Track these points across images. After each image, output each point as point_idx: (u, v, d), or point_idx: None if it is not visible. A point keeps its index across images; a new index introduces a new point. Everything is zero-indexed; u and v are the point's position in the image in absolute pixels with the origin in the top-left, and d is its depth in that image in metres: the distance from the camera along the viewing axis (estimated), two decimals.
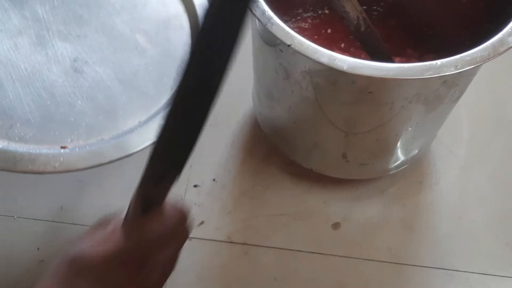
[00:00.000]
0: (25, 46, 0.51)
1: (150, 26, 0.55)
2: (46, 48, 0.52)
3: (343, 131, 0.50)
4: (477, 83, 0.50)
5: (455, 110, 0.53)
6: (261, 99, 0.57)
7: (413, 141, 0.53)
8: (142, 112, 0.50)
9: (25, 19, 0.53)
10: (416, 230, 0.58)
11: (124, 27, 0.55)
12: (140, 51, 0.54)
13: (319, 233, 0.58)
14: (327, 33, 0.62)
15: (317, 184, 0.61)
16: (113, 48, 0.53)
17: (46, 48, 0.52)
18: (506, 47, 0.40)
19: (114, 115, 0.50)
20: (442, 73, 0.38)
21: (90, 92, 0.50)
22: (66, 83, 0.50)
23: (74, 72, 0.51)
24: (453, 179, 0.62)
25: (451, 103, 0.49)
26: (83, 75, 0.51)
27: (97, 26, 0.54)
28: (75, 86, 0.50)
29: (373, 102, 0.44)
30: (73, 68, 0.51)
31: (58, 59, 0.52)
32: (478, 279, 0.55)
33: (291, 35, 0.40)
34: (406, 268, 0.56)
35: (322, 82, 0.44)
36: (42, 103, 0.49)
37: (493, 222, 0.58)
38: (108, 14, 0.55)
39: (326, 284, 0.55)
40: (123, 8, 0.56)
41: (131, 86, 0.52)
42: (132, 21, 0.55)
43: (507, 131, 0.65)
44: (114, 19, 0.55)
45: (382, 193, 0.61)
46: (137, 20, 0.55)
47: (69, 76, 0.51)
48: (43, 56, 0.51)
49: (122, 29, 0.55)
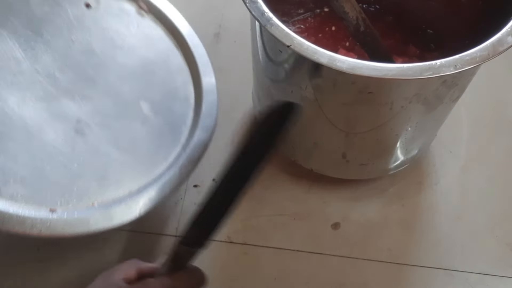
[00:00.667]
0: (32, 100, 0.51)
1: (156, 95, 0.56)
2: (51, 105, 0.52)
3: (343, 131, 0.50)
4: (476, 83, 0.50)
5: (454, 110, 0.53)
6: (261, 99, 0.57)
7: (413, 141, 0.53)
8: (134, 182, 0.51)
9: (36, 73, 0.53)
10: (416, 230, 0.58)
11: (130, 93, 0.55)
12: (143, 119, 0.54)
13: (319, 233, 0.58)
14: (331, 31, 0.62)
15: (317, 184, 0.61)
16: (117, 113, 0.54)
17: (52, 105, 0.52)
18: (505, 46, 0.39)
19: (106, 182, 0.50)
20: (441, 73, 0.38)
21: (87, 155, 0.50)
22: (65, 144, 0.50)
23: (75, 133, 0.51)
24: (453, 179, 0.62)
25: (451, 103, 0.49)
26: (83, 137, 0.51)
27: (104, 89, 0.54)
28: (73, 148, 0.50)
29: (373, 102, 0.44)
30: (75, 129, 0.51)
31: (62, 118, 0.52)
32: (478, 279, 0.55)
33: (291, 36, 0.40)
34: (405, 268, 0.56)
35: (322, 83, 0.44)
36: (38, 162, 0.49)
37: (493, 222, 0.58)
38: (117, 79, 0.55)
39: (326, 284, 0.55)
40: (132, 74, 0.56)
41: (128, 153, 0.52)
42: (139, 88, 0.56)
43: (507, 131, 0.65)
44: (122, 84, 0.55)
45: (382, 193, 0.61)
46: (144, 88, 0.56)
47: (69, 137, 0.51)
48: (47, 113, 0.51)
49: (128, 95, 0.55)
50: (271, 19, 0.41)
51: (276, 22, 0.41)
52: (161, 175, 0.52)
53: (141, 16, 0.59)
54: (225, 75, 0.68)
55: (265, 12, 0.42)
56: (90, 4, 0.57)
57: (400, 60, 0.58)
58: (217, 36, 0.75)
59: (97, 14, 0.57)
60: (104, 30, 0.57)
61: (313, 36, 0.62)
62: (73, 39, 0.55)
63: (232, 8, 0.78)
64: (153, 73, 0.57)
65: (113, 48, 0.57)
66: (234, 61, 0.71)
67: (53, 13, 0.56)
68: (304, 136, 0.54)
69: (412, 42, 0.60)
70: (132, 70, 0.56)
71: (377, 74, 0.38)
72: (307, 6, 0.64)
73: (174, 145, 0.54)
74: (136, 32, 0.58)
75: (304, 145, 0.56)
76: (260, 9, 0.42)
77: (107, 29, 0.57)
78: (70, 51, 0.55)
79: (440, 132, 0.59)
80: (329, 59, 0.39)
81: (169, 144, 0.54)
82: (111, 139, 0.52)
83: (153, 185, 0.51)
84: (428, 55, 0.60)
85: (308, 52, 0.40)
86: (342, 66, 0.39)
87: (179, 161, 0.53)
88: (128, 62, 0.56)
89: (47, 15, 0.55)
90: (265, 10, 0.42)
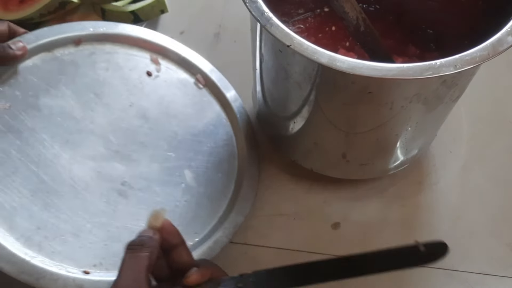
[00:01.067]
0: (82, 159, 0.53)
1: (201, 165, 0.57)
2: (100, 166, 0.53)
3: (343, 131, 0.50)
4: (476, 82, 0.50)
5: (454, 110, 0.53)
6: (261, 99, 0.57)
7: (413, 141, 0.53)
8: None
9: (91, 134, 0.55)
10: (415, 230, 0.58)
11: (177, 161, 0.56)
12: (184, 187, 0.55)
13: (319, 233, 0.58)
14: (331, 31, 0.62)
15: (317, 184, 0.61)
16: (160, 179, 0.55)
17: (100, 166, 0.53)
18: (505, 46, 0.40)
19: None
20: (441, 73, 0.38)
21: (126, 219, 0.51)
22: (107, 205, 0.51)
23: (118, 195, 0.52)
24: (453, 179, 0.62)
25: (451, 102, 0.49)
26: (125, 200, 0.53)
27: (152, 155, 0.56)
28: (115, 210, 0.52)
29: (373, 102, 0.44)
30: (118, 191, 0.53)
31: (108, 179, 0.53)
32: (478, 279, 0.55)
33: (291, 35, 0.40)
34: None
35: (322, 83, 0.44)
36: (79, 220, 0.50)
37: (492, 222, 0.58)
38: (166, 146, 0.57)
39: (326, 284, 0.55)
40: (181, 142, 0.58)
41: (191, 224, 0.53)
42: (185, 156, 0.57)
43: (507, 131, 0.65)
44: (170, 151, 0.57)
45: (382, 193, 0.61)
46: (191, 157, 0.57)
47: (112, 198, 0.52)
48: (95, 172, 0.53)
49: (174, 162, 0.56)
50: (271, 19, 0.41)
51: (276, 22, 0.41)
52: (193, 247, 0.52)
53: (198, 88, 0.61)
54: (225, 75, 0.68)
55: (265, 12, 0.42)
56: (151, 73, 0.60)
57: (400, 60, 0.58)
58: (217, 36, 0.75)
59: (156, 82, 0.60)
60: (161, 98, 0.59)
61: (313, 36, 0.62)
62: (131, 104, 0.57)
63: (232, 8, 0.78)
64: (201, 143, 0.58)
65: (167, 115, 0.58)
66: (234, 61, 0.71)
67: (116, 77, 0.58)
68: (304, 136, 0.54)
69: (412, 42, 0.61)
70: (182, 139, 0.58)
71: (377, 74, 0.38)
72: (307, 6, 0.64)
73: (211, 219, 0.55)
74: (191, 103, 0.60)
75: (304, 145, 0.56)
76: (260, 9, 0.42)
77: (164, 98, 0.59)
78: (126, 115, 0.57)
79: (440, 132, 0.59)
80: (329, 59, 0.39)
81: (205, 217, 0.55)
82: (151, 205, 0.53)
83: None
84: (428, 55, 0.60)
85: (308, 52, 0.40)
86: (342, 66, 0.39)
87: (212, 237, 0.53)
88: (178, 131, 0.58)
89: (110, 79, 0.58)
90: (265, 10, 0.42)
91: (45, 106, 0.54)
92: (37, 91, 0.54)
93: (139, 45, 0.61)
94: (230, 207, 0.56)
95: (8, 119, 0.52)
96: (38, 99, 0.54)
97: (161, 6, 0.70)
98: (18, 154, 0.51)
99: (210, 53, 0.73)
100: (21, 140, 0.51)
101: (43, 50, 0.57)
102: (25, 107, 0.53)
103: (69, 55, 0.58)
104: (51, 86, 0.55)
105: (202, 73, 0.62)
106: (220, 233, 0.54)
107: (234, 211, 0.55)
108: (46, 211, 0.49)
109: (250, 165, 0.59)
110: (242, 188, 0.57)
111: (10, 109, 0.52)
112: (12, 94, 0.53)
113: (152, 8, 0.69)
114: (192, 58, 0.63)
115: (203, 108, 0.61)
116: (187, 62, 0.62)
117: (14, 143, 0.51)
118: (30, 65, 0.55)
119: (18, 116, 0.53)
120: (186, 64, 0.62)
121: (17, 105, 0.53)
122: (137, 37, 0.61)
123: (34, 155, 0.51)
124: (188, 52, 0.63)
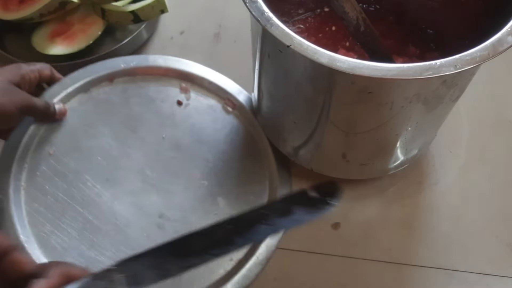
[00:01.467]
0: (122, 195, 0.56)
1: (233, 191, 0.57)
2: (139, 200, 0.56)
3: (343, 131, 0.50)
4: (476, 82, 0.50)
5: (454, 110, 0.53)
6: (261, 99, 0.57)
7: (413, 141, 0.53)
8: (205, 279, 0.52)
9: (129, 170, 0.57)
10: (415, 230, 0.58)
11: (209, 188, 0.57)
12: (217, 212, 0.56)
13: (319, 233, 0.58)
14: (331, 31, 0.62)
15: None
16: (194, 207, 0.56)
17: (139, 200, 0.56)
18: (505, 46, 0.39)
19: (179, 279, 0.52)
20: (441, 73, 0.38)
21: None
22: (147, 239, 0.53)
23: (157, 228, 0.54)
24: (453, 179, 0.62)
25: (451, 102, 0.49)
26: (164, 232, 0.54)
27: (186, 184, 0.57)
28: (155, 243, 0.52)
29: (373, 102, 0.44)
30: (157, 225, 0.55)
31: (146, 213, 0.55)
32: (478, 279, 0.55)
33: (291, 36, 0.40)
34: (405, 268, 0.56)
35: (322, 83, 0.44)
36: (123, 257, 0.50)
37: (492, 222, 0.58)
38: (199, 174, 0.58)
39: (326, 284, 0.55)
40: (213, 169, 0.58)
41: None
42: (218, 183, 0.58)
43: (506, 131, 0.65)
44: (203, 179, 0.58)
45: (381, 193, 0.61)
46: (223, 183, 0.58)
47: (152, 232, 0.54)
48: (135, 208, 0.55)
49: (207, 190, 0.57)
50: (271, 19, 0.41)
51: (276, 22, 0.41)
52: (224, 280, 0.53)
53: (227, 112, 0.62)
54: (225, 75, 0.68)
55: (265, 12, 0.42)
56: (181, 102, 0.62)
57: (400, 60, 0.58)
58: (217, 36, 0.75)
59: (186, 110, 0.62)
60: (192, 126, 0.61)
61: (313, 36, 0.62)
62: (164, 136, 0.59)
63: (232, 8, 0.78)
64: (233, 169, 0.59)
65: (198, 143, 0.60)
66: (234, 61, 0.71)
67: (149, 111, 0.61)
68: (304, 136, 0.54)
69: (412, 42, 0.61)
70: (213, 166, 0.59)
71: (377, 74, 0.38)
72: (307, 6, 0.64)
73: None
74: (220, 127, 0.61)
75: (304, 145, 0.56)
76: (260, 9, 0.42)
77: (195, 125, 0.61)
78: (160, 147, 0.59)
79: (440, 132, 0.59)
80: (329, 59, 0.39)
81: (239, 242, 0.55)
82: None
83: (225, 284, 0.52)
84: (428, 55, 0.60)
85: (308, 52, 0.40)
86: (342, 66, 0.39)
87: (245, 265, 0.53)
88: (210, 157, 0.59)
89: (143, 113, 0.60)
90: (265, 10, 0.42)
91: (85, 147, 0.57)
92: (77, 133, 0.58)
93: (168, 74, 0.63)
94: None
95: (54, 163, 0.56)
96: (79, 141, 0.58)
97: (161, 6, 0.70)
98: (65, 197, 0.55)
99: (210, 53, 0.73)
100: (66, 182, 0.55)
101: (80, 91, 0.61)
102: (68, 150, 0.57)
103: (104, 93, 0.61)
104: (90, 127, 0.59)
105: (231, 96, 0.63)
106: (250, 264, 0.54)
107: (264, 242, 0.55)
108: (93, 250, 0.52)
109: (282, 184, 0.59)
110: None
111: (55, 154, 0.56)
112: (55, 139, 0.58)
113: (152, 8, 0.69)
114: (220, 81, 0.64)
115: (232, 132, 0.61)
116: (215, 86, 0.63)
117: (61, 186, 0.55)
118: (69, 108, 0.59)
119: (62, 159, 0.56)
120: (214, 88, 0.63)
121: (60, 149, 0.57)
122: (166, 67, 0.63)
123: (79, 196, 0.55)
124: (216, 76, 0.64)
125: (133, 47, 0.74)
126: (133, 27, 0.73)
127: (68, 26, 0.73)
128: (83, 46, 0.71)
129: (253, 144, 0.61)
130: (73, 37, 0.72)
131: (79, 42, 0.71)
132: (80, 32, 0.72)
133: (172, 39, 0.75)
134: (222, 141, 0.60)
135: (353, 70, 0.39)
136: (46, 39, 0.71)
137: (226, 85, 0.63)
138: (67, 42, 0.71)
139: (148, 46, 0.75)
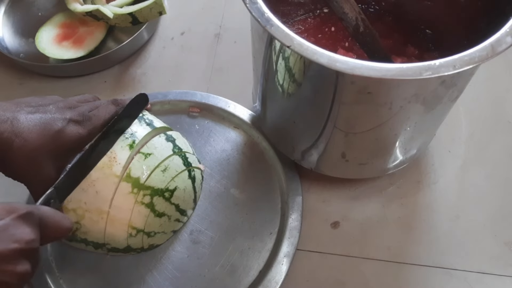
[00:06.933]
0: None
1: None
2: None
3: (342, 131, 0.50)
4: (475, 82, 0.51)
5: (453, 110, 0.53)
6: (261, 99, 0.57)
7: (412, 140, 0.54)
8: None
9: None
10: (415, 229, 0.58)
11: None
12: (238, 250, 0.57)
13: (319, 232, 0.58)
14: (331, 31, 0.62)
15: (316, 184, 0.61)
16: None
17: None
18: (504, 47, 0.40)
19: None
20: (440, 73, 0.38)
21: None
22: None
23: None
24: (452, 178, 0.62)
25: (450, 102, 0.50)
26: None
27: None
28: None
29: (372, 102, 0.44)
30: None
31: (178, 237, 0.56)
32: (477, 278, 0.55)
33: (291, 36, 0.41)
34: (405, 267, 0.56)
35: (322, 83, 0.45)
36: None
37: (491, 221, 0.59)
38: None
39: (326, 283, 0.55)
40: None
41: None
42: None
43: (505, 131, 0.65)
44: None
45: (381, 193, 0.61)
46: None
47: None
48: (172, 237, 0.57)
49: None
50: (271, 20, 0.41)
51: (276, 22, 0.41)
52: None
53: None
54: (225, 75, 0.69)
55: (265, 13, 0.42)
56: None
57: (399, 60, 0.58)
58: (217, 36, 0.75)
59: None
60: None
61: (313, 36, 0.62)
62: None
63: (232, 8, 0.78)
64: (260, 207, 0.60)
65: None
66: (234, 61, 0.71)
67: None
68: (304, 136, 0.54)
69: (411, 43, 0.61)
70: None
71: (376, 75, 0.39)
72: (307, 7, 0.64)
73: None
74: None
75: (304, 145, 0.56)
76: (260, 10, 0.42)
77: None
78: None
79: (439, 132, 0.59)
80: (329, 59, 0.39)
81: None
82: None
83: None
84: (427, 55, 0.60)
85: (308, 53, 0.40)
86: (341, 66, 0.39)
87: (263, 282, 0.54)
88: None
89: None
90: (265, 10, 0.42)
91: None
92: None
93: None
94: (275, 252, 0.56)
95: None
96: None
97: (159, 8, 0.70)
98: None
99: (210, 53, 0.73)
100: None
101: None
102: None
103: None
104: None
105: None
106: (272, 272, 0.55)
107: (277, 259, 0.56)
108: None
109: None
110: (286, 225, 0.58)
111: None
112: None
113: (150, 10, 0.70)
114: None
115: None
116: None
117: None
118: None
119: None
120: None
121: None
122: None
123: None
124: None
125: (134, 47, 0.74)
126: (133, 28, 0.73)
127: (73, 29, 0.74)
128: (92, 47, 0.73)
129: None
130: (82, 40, 0.73)
131: (88, 44, 0.73)
132: (87, 34, 0.74)
133: (173, 40, 0.76)
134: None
135: (352, 71, 0.39)
136: (54, 44, 0.72)
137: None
138: (77, 46, 0.73)
139: (149, 47, 0.75)
